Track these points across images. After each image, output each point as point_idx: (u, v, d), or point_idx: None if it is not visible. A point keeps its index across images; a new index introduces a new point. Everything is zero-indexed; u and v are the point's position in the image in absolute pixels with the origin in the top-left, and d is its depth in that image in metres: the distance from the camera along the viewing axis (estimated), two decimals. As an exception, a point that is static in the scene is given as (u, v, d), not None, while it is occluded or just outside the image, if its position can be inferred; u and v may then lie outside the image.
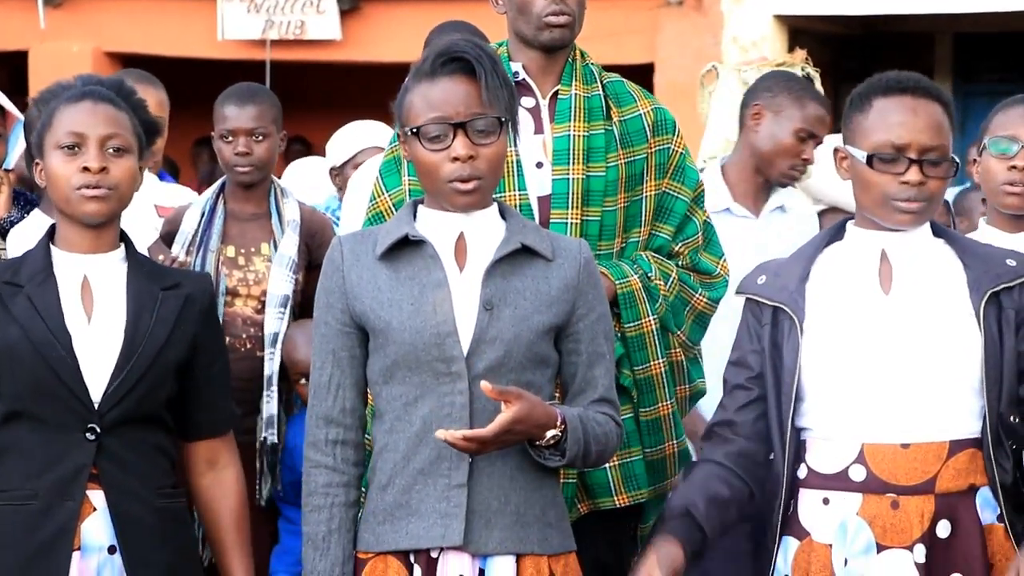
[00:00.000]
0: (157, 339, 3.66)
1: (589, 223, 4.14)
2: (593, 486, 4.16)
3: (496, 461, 3.46)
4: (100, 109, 3.66)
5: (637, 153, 4.23)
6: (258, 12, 12.65)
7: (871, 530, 3.48)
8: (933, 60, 12.79)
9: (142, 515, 3.64)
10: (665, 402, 4.25)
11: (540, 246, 3.52)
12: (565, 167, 4.16)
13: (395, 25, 12.46)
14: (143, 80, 5.48)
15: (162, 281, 3.73)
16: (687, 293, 4.29)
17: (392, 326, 3.46)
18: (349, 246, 3.55)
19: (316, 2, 12.56)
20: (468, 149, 3.45)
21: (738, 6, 11.64)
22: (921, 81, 3.60)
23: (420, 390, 3.47)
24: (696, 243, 4.32)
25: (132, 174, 3.68)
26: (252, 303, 4.79)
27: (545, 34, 4.16)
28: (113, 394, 3.61)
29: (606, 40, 10.33)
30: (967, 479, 3.51)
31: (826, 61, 11.83)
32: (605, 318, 3.60)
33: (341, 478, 3.52)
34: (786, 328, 3.55)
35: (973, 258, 3.59)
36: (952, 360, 3.51)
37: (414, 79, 3.52)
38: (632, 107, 4.27)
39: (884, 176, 3.53)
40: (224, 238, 4.84)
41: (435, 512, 3.44)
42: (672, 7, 11.90)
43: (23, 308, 3.61)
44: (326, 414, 3.54)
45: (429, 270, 3.49)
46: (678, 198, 4.30)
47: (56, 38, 13.02)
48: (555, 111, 4.20)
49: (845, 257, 3.62)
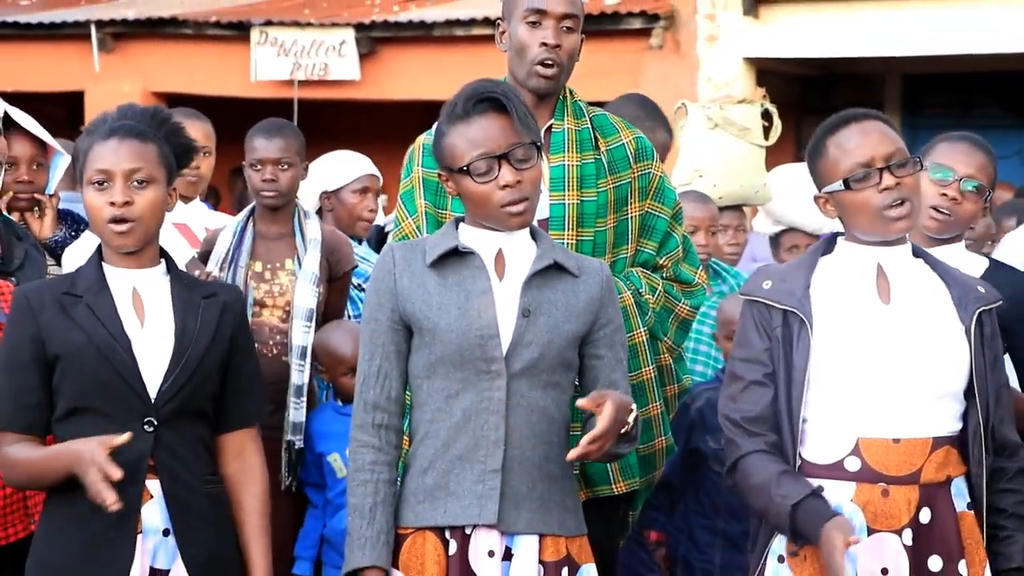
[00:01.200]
0: (203, 341, 3.66)
1: (583, 242, 4.12)
2: (592, 475, 4.15)
3: (527, 451, 3.47)
4: (125, 145, 3.62)
5: (622, 178, 4.23)
6: (287, 56, 12.67)
7: (863, 515, 3.46)
8: (884, 97, 12.79)
9: (191, 500, 3.61)
10: (655, 403, 4.24)
11: (568, 263, 3.55)
12: (561, 193, 4.15)
13: (409, 67, 12.48)
14: (191, 116, 5.51)
15: (201, 291, 3.73)
16: (671, 303, 4.28)
17: (440, 327, 3.47)
18: (400, 253, 3.55)
19: (338, 47, 12.58)
20: (514, 175, 3.47)
21: (712, 50, 11.65)
22: (859, 111, 3.61)
23: (462, 384, 3.47)
24: (677, 256, 4.31)
25: (156, 203, 3.63)
26: (277, 313, 4.79)
27: (533, 80, 4.13)
28: (168, 390, 3.60)
29: (595, 79, 10.33)
30: (945, 471, 3.50)
31: (790, 98, 11.86)
32: (622, 329, 3.62)
33: (385, 457, 3.52)
34: (796, 330, 3.51)
35: (951, 279, 3.59)
36: (942, 367, 3.50)
37: (448, 123, 3.52)
38: (616, 137, 4.26)
39: (865, 192, 3.51)
40: (252, 255, 4.84)
41: (472, 493, 3.45)
42: (653, 50, 11.91)
43: (84, 315, 3.60)
44: (374, 400, 3.53)
45: (475, 279, 3.49)
46: (659, 216, 4.29)
47: (109, 80, 13.04)
48: (550, 144, 4.20)
49: (841, 269, 3.59)
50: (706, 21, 11.65)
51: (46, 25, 13.18)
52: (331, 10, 13.03)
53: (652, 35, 11.88)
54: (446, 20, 12.32)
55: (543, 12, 4.10)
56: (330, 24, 12.63)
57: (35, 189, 4.74)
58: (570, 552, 3.52)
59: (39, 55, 13.23)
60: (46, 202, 4.79)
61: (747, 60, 11.55)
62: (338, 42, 12.56)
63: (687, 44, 11.75)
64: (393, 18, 12.61)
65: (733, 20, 11.50)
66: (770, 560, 3.54)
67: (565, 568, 3.50)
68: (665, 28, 11.83)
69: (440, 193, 4.08)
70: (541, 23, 4.11)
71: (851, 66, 12.04)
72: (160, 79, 13.05)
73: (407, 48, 12.50)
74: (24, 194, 4.73)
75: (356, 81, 12.61)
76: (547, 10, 4.10)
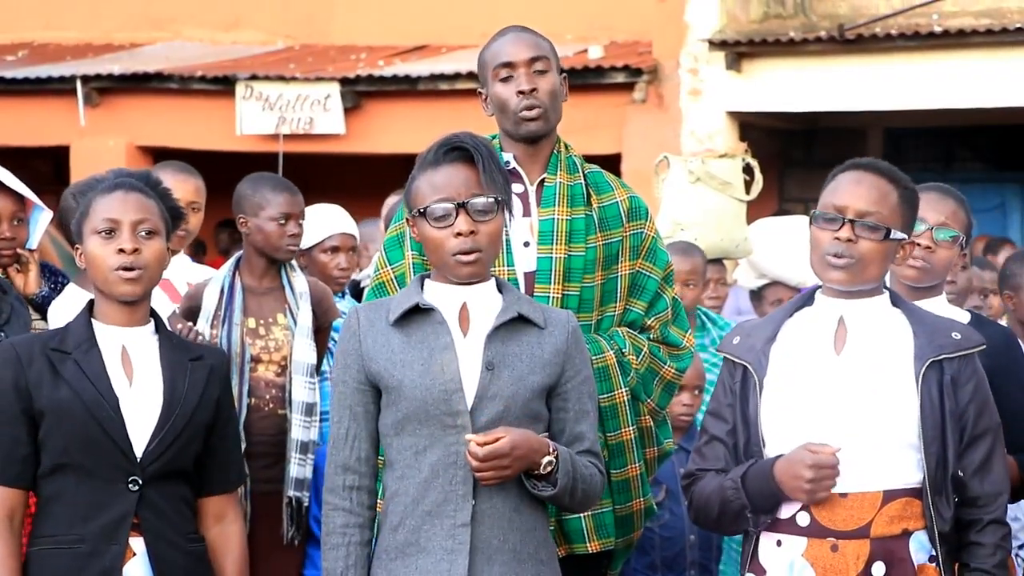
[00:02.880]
0: (191, 402, 3.67)
1: (569, 297, 4.14)
2: (569, 532, 4.15)
3: (496, 504, 3.48)
4: (131, 197, 3.68)
5: (613, 236, 4.24)
6: (272, 110, 12.71)
7: (813, 570, 3.47)
8: (866, 150, 12.86)
9: (174, 558, 3.63)
10: (634, 464, 4.23)
11: (534, 315, 3.56)
12: (549, 247, 4.16)
13: (393, 121, 12.53)
14: (183, 171, 5.52)
15: (189, 353, 3.76)
16: (656, 365, 4.28)
17: (404, 384, 3.49)
18: (365, 314, 3.58)
19: (323, 101, 12.62)
20: (469, 225, 3.49)
21: (695, 103, 11.71)
22: (877, 163, 3.62)
23: (428, 440, 3.48)
24: (666, 318, 4.31)
25: (161, 255, 3.70)
26: (273, 367, 4.80)
27: (522, 127, 4.18)
28: (154, 450, 3.62)
29: (580, 133, 10.38)
30: (901, 524, 3.49)
31: (773, 151, 11.93)
32: (589, 380, 3.62)
33: (357, 519, 3.53)
34: (750, 385, 3.55)
35: (922, 327, 3.57)
36: (890, 419, 3.49)
37: (420, 169, 3.56)
38: (610, 195, 4.28)
39: (823, 233, 3.54)
40: (244, 311, 4.86)
41: (442, 549, 3.45)
42: (637, 104, 11.97)
43: (72, 372, 3.61)
44: (344, 462, 3.55)
45: (437, 335, 3.51)
46: (650, 277, 4.29)
47: (94, 134, 13.06)
48: (541, 196, 4.20)
49: (809, 321, 3.61)
50: (689, 75, 11.72)
51: (32, 80, 13.21)
52: (316, 64, 13.09)
53: (635, 89, 11.95)
54: (431, 74, 12.38)
55: (510, 64, 4.16)
56: (315, 78, 12.67)
57: (17, 244, 4.75)
58: None
59: (25, 110, 13.25)
60: (28, 257, 4.80)
61: (730, 114, 11.62)
62: (323, 96, 12.60)
63: (670, 98, 11.81)
64: (378, 72, 12.66)
65: (716, 74, 11.57)
66: None
67: None
68: (648, 82, 11.89)
69: None
70: (513, 75, 4.16)
71: (833, 120, 12.11)
72: (145, 133, 13.08)
73: (392, 102, 12.55)
74: (6, 250, 4.75)
75: (341, 135, 12.64)
76: (514, 61, 4.16)
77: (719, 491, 3.55)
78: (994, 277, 6.40)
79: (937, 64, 11.02)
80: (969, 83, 10.93)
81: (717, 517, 3.59)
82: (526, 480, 3.48)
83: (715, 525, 3.66)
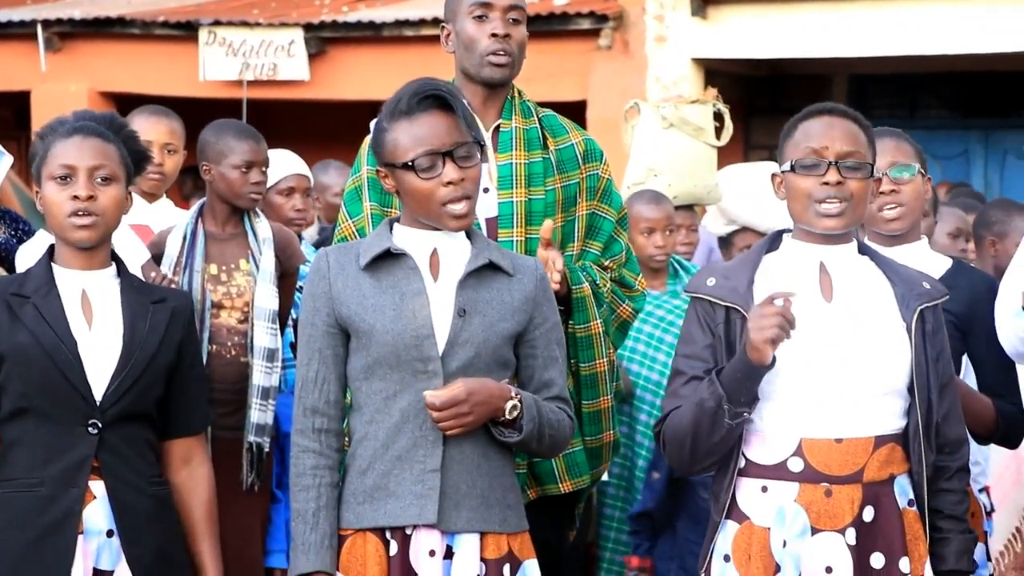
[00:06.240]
0: (151, 345, 3.66)
1: (532, 240, 4.15)
2: (541, 474, 4.17)
3: (465, 449, 3.49)
4: (89, 143, 3.65)
5: (571, 178, 4.25)
6: (235, 56, 12.61)
7: (807, 515, 3.48)
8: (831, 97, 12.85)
9: (137, 502, 3.63)
10: (606, 396, 4.26)
11: (503, 263, 3.57)
12: (509, 191, 4.17)
13: (357, 67, 12.45)
14: (159, 113, 5.50)
15: (151, 295, 3.74)
16: (616, 303, 4.31)
17: (376, 329, 3.49)
18: (335, 257, 3.57)
19: (287, 47, 12.53)
20: (458, 173, 3.49)
21: (660, 50, 11.68)
22: (839, 106, 3.63)
23: (399, 386, 3.50)
24: (620, 260, 4.34)
25: (118, 201, 3.67)
26: (236, 314, 4.78)
27: (487, 71, 4.18)
28: (113, 393, 3.61)
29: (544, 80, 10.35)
30: (888, 469, 3.53)
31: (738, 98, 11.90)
32: (557, 327, 3.64)
33: (326, 461, 3.54)
34: (739, 326, 3.52)
35: (896, 276, 3.60)
36: (884, 365, 3.52)
37: (391, 119, 3.54)
38: (565, 138, 4.29)
39: (807, 180, 3.53)
40: (206, 257, 4.83)
41: (411, 494, 3.47)
42: (602, 51, 11.93)
43: (31, 316, 3.60)
44: (313, 405, 3.55)
45: (409, 280, 3.52)
46: (606, 218, 4.31)
47: (55, 79, 12.94)
48: (498, 142, 4.21)
49: (785, 266, 3.61)
50: (655, 22, 11.68)
51: (-8, 25, 13.08)
52: (280, 10, 12.98)
53: (601, 36, 11.90)
54: (395, 20, 12.30)
55: (489, 5, 4.16)
56: (279, 24, 12.58)
57: None
58: (512, 548, 3.55)
59: (-15, 55, 13.13)
60: None
61: (695, 60, 11.59)
62: (287, 42, 12.51)
63: (636, 45, 11.77)
64: (342, 18, 12.57)
65: (681, 21, 11.53)
66: (715, 561, 3.55)
67: (507, 565, 3.53)
68: (614, 28, 11.84)
69: (387, 192, 4.09)
70: (488, 16, 4.16)
71: (799, 67, 12.10)
72: (107, 79, 12.97)
73: (356, 48, 12.47)
74: None
75: (305, 81, 12.56)
76: (493, 3, 4.16)
77: (693, 399, 3.47)
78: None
79: (902, 11, 11.01)
80: (934, 30, 10.93)
81: (692, 434, 3.47)
82: (492, 428, 3.50)
83: (690, 453, 3.52)
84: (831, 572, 3.47)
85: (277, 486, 4.83)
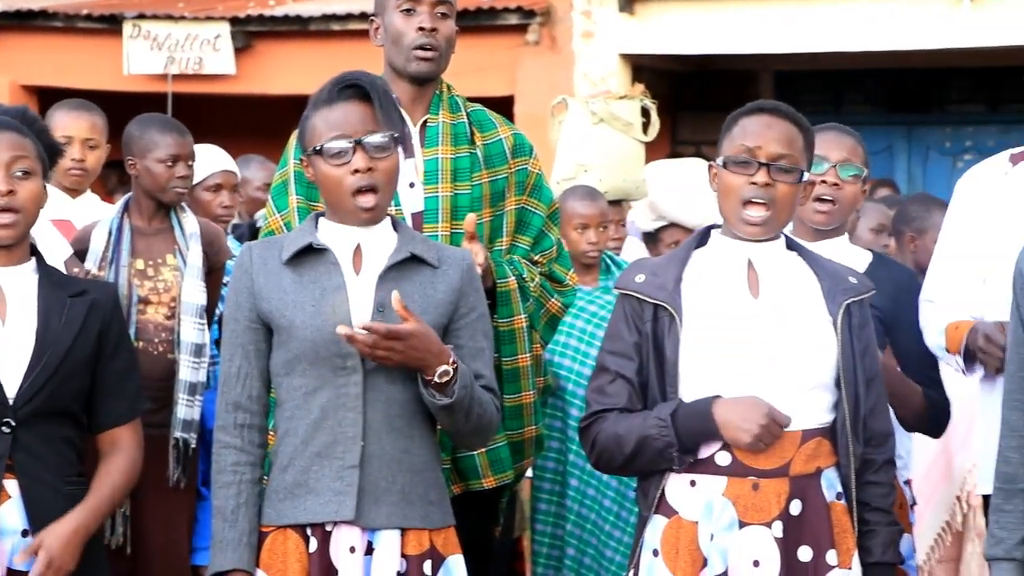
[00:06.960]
0: (65, 340, 3.61)
1: (457, 235, 4.13)
2: (464, 470, 4.17)
3: (386, 446, 3.48)
4: (5, 137, 3.61)
5: (499, 173, 4.25)
6: (160, 49, 12.51)
7: (735, 508, 3.49)
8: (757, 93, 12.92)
9: (53, 501, 3.59)
10: (528, 391, 4.26)
11: (428, 255, 3.55)
12: (435, 186, 4.17)
13: (284, 62, 12.39)
14: (77, 107, 5.45)
15: (70, 289, 3.69)
16: (544, 297, 4.32)
17: (295, 324, 3.47)
18: (257, 252, 3.56)
19: (213, 40, 12.45)
20: (366, 162, 3.47)
21: (588, 46, 11.70)
22: (780, 106, 3.63)
23: (319, 382, 3.48)
24: (551, 255, 4.34)
25: (37, 195, 3.64)
26: (163, 310, 4.75)
27: (413, 65, 4.17)
28: (27, 391, 3.57)
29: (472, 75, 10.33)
30: (815, 463, 3.54)
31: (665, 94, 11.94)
32: (484, 318, 3.63)
33: (248, 458, 3.53)
34: (666, 324, 3.53)
35: (823, 271, 3.62)
36: (811, 360, 3.54)
37: (314, 107, 3.54)
38: (493, 132, 4.29)
39: (738, 178, 3.54)
40: (133, 252, 4.79)
41: (330, 490, 3.46)
42: (530, 46, 11.93)
43: None
44: (235, 400, 3.54)
45: (330, 275, 3.50)
46: (535, 213, 4.32)
47: (-23, 73, 12.80)
48: (425, 137, 4.21)
49: (713, 262, 3.62)
50: (582, 17, 11.70)
51: (-89, 17, 12.91)
52: (205, 3, 12.89)
53: (529, 31, 11.90)
54: (322, 15, 12.25)
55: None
56: (204, 18, 12.49)
57: None
58: (434, 544, 3.53)
59: (-96, 48, 12.96)
60: None
61: (623, 56, 11.62)
62: (213, 36, 12.43)
63: (563, 40, 11.79)
64: (269, 12, 12.51)
65: (609, 16, 11.56)
66: (644, 555, 3.56)
67: (428, 561, 3.51)
68: (541, 24, 11.85)
69: (312, 186, 4.06)
70: (415, 10, 4.17)
71: (725, 62, 12.16)
72: (31, 72, 12.83)
73: (283, 42, 12.41)
74: None
75: (231, 75, 12.49)
76: None
77: (640, 429, 3.50)
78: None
79: (827, 8, 11.10)
80: (857, 26, 11.02)
81: (630, 456, 3.53)
82: (423, 389, 3.46)
83: (621, 466, 3.59)
84: (758, 565, 3.48)
85: (203, 483, 4.79)
